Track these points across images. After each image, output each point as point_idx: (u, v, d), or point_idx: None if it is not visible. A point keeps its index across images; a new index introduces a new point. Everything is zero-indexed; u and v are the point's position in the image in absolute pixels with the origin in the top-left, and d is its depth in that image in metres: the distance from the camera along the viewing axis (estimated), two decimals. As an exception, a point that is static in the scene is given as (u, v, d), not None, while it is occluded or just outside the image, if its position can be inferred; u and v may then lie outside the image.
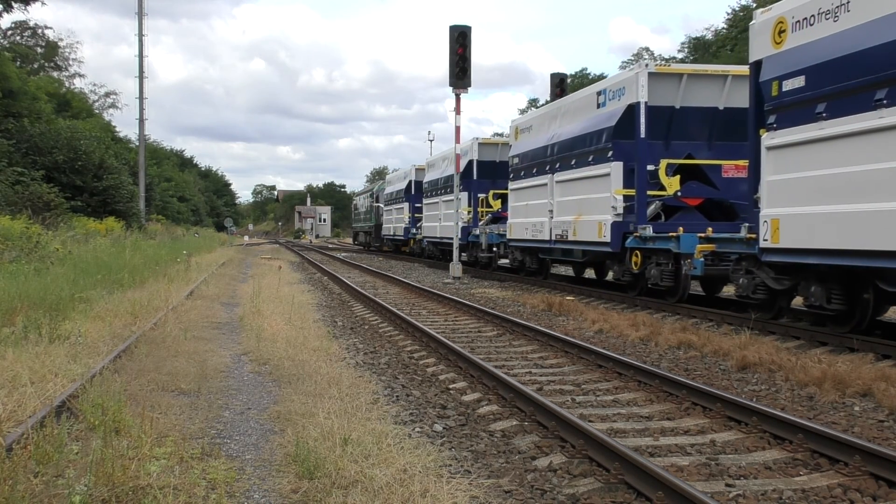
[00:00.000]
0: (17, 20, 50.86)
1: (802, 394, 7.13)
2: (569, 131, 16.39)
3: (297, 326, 10.53)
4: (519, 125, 20.42)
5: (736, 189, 13.78)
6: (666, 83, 13.87)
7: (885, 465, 4.69)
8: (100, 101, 66.03)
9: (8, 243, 15.07)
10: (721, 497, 4.45)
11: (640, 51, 69.54)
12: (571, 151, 16.02)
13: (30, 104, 32.63)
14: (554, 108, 18.22)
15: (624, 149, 13.95)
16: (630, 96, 13.83)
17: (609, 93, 14.77)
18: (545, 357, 9.15)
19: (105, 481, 4.09)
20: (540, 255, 18.92)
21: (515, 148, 20.18)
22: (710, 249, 11.73)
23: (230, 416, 6.10)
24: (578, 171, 15.62)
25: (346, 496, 4.18)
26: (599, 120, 14.83)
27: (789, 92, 9.41)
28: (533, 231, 18.07)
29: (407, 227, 34.44)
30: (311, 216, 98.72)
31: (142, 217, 39.02)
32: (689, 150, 14.17)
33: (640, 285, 14.16)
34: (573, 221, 15.76)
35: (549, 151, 17.29)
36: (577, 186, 15.73)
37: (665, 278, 12.90)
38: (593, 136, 14.93)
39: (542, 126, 18.33)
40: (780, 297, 10.63)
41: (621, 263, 14.61)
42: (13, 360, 6.91)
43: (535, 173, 18.12)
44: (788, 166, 9.42)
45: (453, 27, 20.71)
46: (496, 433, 5.80)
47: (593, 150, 14.90)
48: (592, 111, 15.39)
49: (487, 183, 24.46)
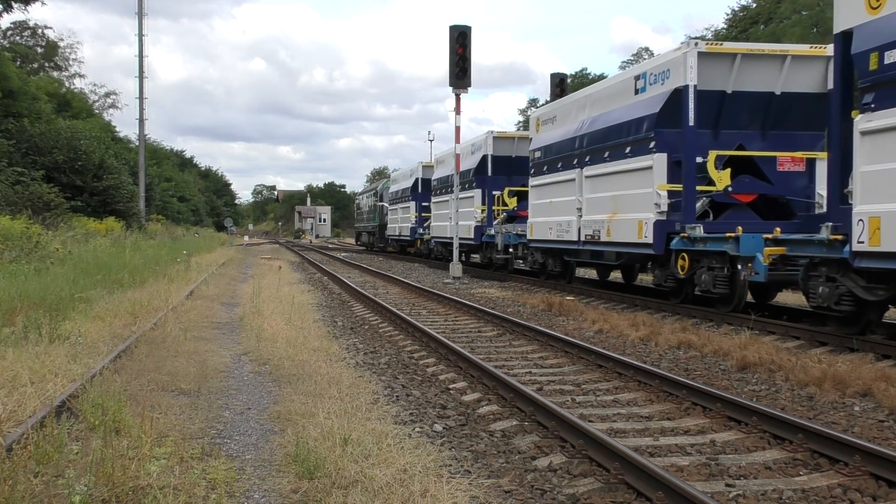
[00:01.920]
0: (17, 20, 50.86)
1: (802, 394, 7.13)
2: (601, 121, 14.90)
3: (297, 326, 10.53)
4: (540, 116, 18.88)
5: (792, 184, 12.64)
6: (717, 64, 12.35)
7: (885, 465, 4.69)
8: (100, 101, 66.07)
9: (8, 243, 15.07)
10: (721, 497, 4.45)
11: (640, 51, 69.59)
12: (604, 143, 14.55)
13: (30, 104, 32.61)
14: (582, 96, 16.58)
15: (668, 139, 12.53)
16: (676, 79, 12.35)
17: (650, 76, 13.26)
18: (545, 357, 9.15)
19: (105, 481, 4.09)
20: (565, 258, 17.57)
21: (537, 141, 18.70)
22: (780, 252, 10.31)
23: (230, 416, 6.11)
24: (613, 164, 14.19)
25: (346, 496, 4.18)
26: (639, 107, 13.39)
27: (894, 65, 7.99)
28: (558, 231, 16.67)
29: (413, 227, 33.12)
30: (311, 216, 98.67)
31: (142, 217, 39.02)
32: (741, 141, 12.75)
33: (686, 292, 12.86)
34: (607, 220, 14.30)
35: (578, 144, 15.80)
36: (612, 181, 14.28)
37: (718, 284, 11.41)
38: (631, 125, 13.49)
39: (568, 116, 16.82)
40: (870, 310, 9.25)
41: (663, 267, 13.14)
42: (13, 360, 6.91)
43: (561, 168, 16.70)
44: (893, 153, 8.04)
45: (453, 27, 20.72)
46: (496, 433, 5.80)
47: (631, 141, 13.42)
48: (629, 98, 13.89)
49: (503, 179, 22.88)
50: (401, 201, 35.92)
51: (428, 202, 30.56)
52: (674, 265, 12.52)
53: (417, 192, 32.77)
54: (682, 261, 12.26)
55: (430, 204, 29.78)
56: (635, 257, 14.60)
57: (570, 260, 17.51)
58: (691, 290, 12.60)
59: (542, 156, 18.03)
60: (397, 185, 37.91)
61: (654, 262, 13.69)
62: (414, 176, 33.82)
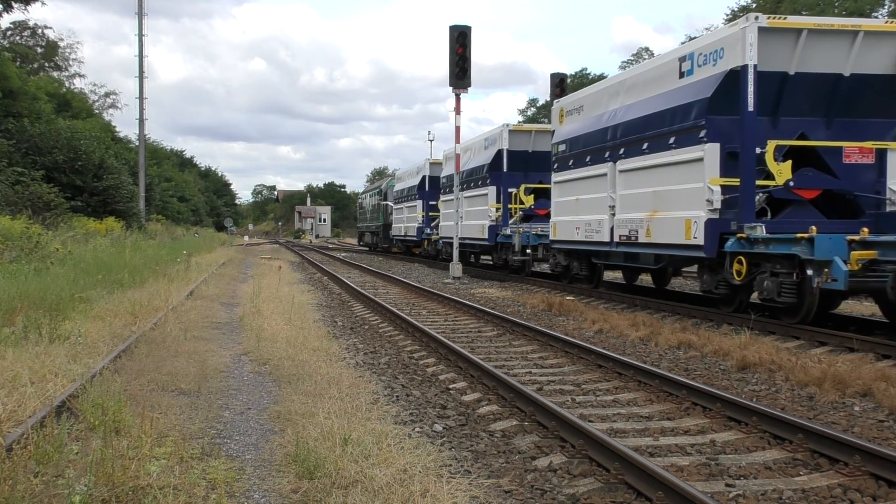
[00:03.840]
0: (17, 20, 50.87)
1: (802, 394, 7.14)
2: (638, 109, 13.45)
3: (297, 326, 10.53)
4: (564, 106, 17.28)
5: (859, 178, 11.22)
6: (779, 41, 10.88)
7: (885, 465, 4.69)
8: (100, 101, 66.12)
9: (8, 243, 15.07)
10: (721, 497, 4.45)
11: (640, 51, 69.54)
12: (643, 133, 13.08)
13: (30, 104, 32.63)
14: (615, 82, 15.06)
15: (722, 127, 11.10)
16: (732, 58, 10.90)
17: (699, 57, 11.79)
18: (545, 357, 9.15)
19: (105, 481, 4.09)
20: (593, 260, 16.05)
21: (560, 133, 17.09)
22: (870, 257, 9.04)
23: (230, 416, 6.11)
24: (653, 157, 12.70)
25: (346, 496, 4.18)
26: (685, 92, 11.96)
27: None
28: (586, 231, 15.24)
29: (420, 227, 31.64)
30: (311, 216, 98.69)
31: (142, 217, 39.03)
32: (802, 129, 11.32)
33: (740, 299, 11.48)
34: (646, 219, 12.86)
35: (610, 135, 14.32)
36: (652, 176, 12.82)
37: (784, 292, 9.98)
38: (676, 112, 12.01)
39: (598, 105, 15.37)
40: None
41: (714, 272, 11.69)
42: (13, 360, 6.92)
43: (589, 162, 15.24)
44: None
45: (453, 27, 20.72)
46: (496, 433, 5.80)
47: (676, 131, 11.97)
48: (673, 82, 12.48)
49: (519, 176, 21.36)
50: (407, 200, 34.53)
51: (436, 201, 29.27)
52: (728, 270, 11.02)
53: (425, 191, 31.51)
54: (739, 265, 10.79)
55: (439, 202, 28.42)
56: (679, 261, 13.25)
57: (598, 263, 16.07)
58: (746, 297, 11.45)
59: (568, 149, 16.53)
60: (403, 184, 36.46)
61: (701, 267, 12.25)
62: (421, 173, 32.54)
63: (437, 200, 29.02)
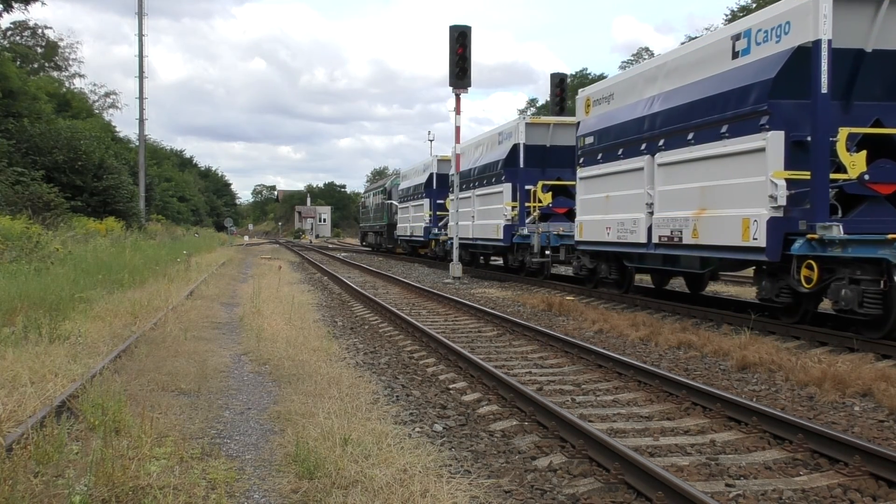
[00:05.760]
0: (17, 20, 50.90)
1: (802, 394, 7.14)
2: (682, 95, 12.14)
3: (297, 326, 10.53)
4: (592, 95, 15.90)
5: None
6: (855, 14, 9.66)
7: (885, 465, 4.69)
8: (100, 101, 66.10)
9: (8, 243, 15.07)
10: (721, 497, 4.45)
11: (640, 50, 69.54)
12: (687, 122, 11.78)
13: (30, 104, 32.62)
14: (651, 66, 13.73)
15: (786, 112, 9.88)
16: (801, 33, 9.61)
17: (757, 34, 10.46)
18: (545, 357, 9.15)
19: (105, 481, 4.09)
20: (625, 263, 14.74)
21: (587, 125, 15.78)
22: None
23: (230, 416, 6.11)
24: (701, 148, 11.42)
25: (346, 496, 4.18)
26: (741, 74, 10.68)
27: None
28: (618, 231, 13.95)
29: (427, 227, 30.20)
30: (311, 216, 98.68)
31: (142, 217, 39.03)
32: (877, 115, 10.02)
33: (806, 309, 10.23)
34: (692, 218, 11.53)
35: (647, 125, 13.06)
36: (699, 169, 11.50)
37: (867, 303, 8.75)
38: (730, 97, 10.75)
39: (631, 92, 14.05)
40: None
41: (775, 278, 10.36)
42: (13, 360, 6.92)
43: (622, 155, 13.99)
44: None
45: (453, 27, 20.71)
46: (496, 433, 5.80)
47: (730, 118, 10.70)
48: (724, 63, 11.17)
49: (536, 172, 20.08)
50: (413, 199, 33.08)
51: (444, 199, 27.94)
52: (794, 275, 9.76)
53: (432, 189, 30.10)
54: (808, 270, 9.52)
55: (447, 201, 26.96)
56: (731, 264, 11.95)
57: (630, 266, 14.75)
58: (813, 307, 10.25)
59: (596, 141, 15.19)
60: (409, 182, 34.90)
61: (759, 272, 10.93)
62: (428, 171, 31.06)
63: (445, 199, 27.65)
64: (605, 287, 15.58)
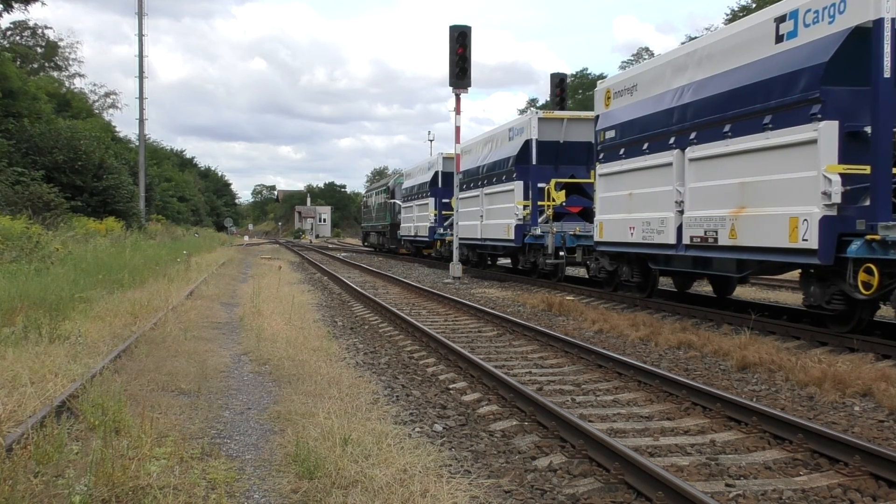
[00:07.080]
0: (17, 20, 50.90)
1: (802, 394, 7.14)
2: (717, 84, 11.23)
3: (297, 326, 10.53)
4: (612, 87, 15.00)
5: None
6: None
7: (885, 465, 4.69)
8: (100, 101, 66.16)
9: (8, 243, 15.07)
10: (721, 497, 4.45)
11: (640, 51, 69.56)
12: (723, 113, 10.90)
13: (30, 104, 32.62)
14: (680, 54, 12.73)
15: (840, 100, 9.00)
16: (858, 12, 8.74)
17: (805, 15, 9.59)
18: (545, 357, 9.15)
19: (105, 481, 4.09)
20: (650, 265, 13.79)
21: (608, 118, 14.89)
22: None
23: (230, 416, 6.11)
24: (740, 140, 10.53)
25: (346, 496, 4.18)
26: (788, 59, 9.76)
27: None
28: (644, 231, 13.07)
29: (432, 227, 29.33)
30: (311, 216, 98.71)
31: (142, 217, 39.04)
32: None
33: (860, 317, 9.39)
34: (729, 217, 10.64)
35: (676, 117, 12.16)
36: (738, 164, 10.61)
37: None
38: (774, 84, 9.85)
39: (658, 82, 13.15)
40: None
41: (826, 283, 9.51)
42: (13, 360, 6.92)
43: (648, 150, 13.08)
44: None
45: (453, 27, 20.73)
46: (496, 433, 5.80)
47: (774, 108, 9.83)
48: (767, 48, 10.24)
49: (549, 169, 19.21)
50: (417, 198, 32.12)
51: (449, 198, 27.04)
52: (850, 280, 8.89)
53: (437, 188, 29.35)
54: (867, 275, 8.67)
55: (453, 200, 25.90)
56: (774, 267, 11.22)
57: (654, 268, 13.82)
58: (869, 315, 9.48)
59: (618, 135, 14.31)
60: (413, 180, 33.89)
61: (807, 276, 10.01)
62: (433, 169, 30.08)
63: (450, 198, 26.68)
64: (625, 290, 14.79)
